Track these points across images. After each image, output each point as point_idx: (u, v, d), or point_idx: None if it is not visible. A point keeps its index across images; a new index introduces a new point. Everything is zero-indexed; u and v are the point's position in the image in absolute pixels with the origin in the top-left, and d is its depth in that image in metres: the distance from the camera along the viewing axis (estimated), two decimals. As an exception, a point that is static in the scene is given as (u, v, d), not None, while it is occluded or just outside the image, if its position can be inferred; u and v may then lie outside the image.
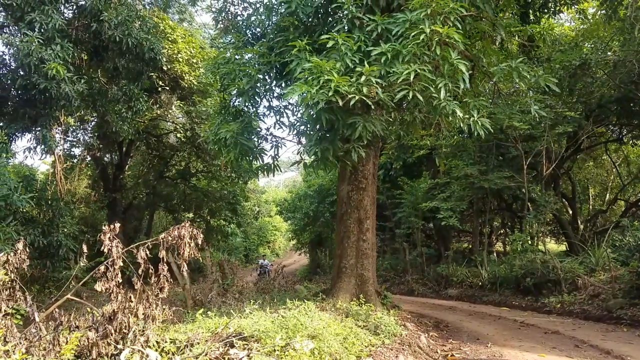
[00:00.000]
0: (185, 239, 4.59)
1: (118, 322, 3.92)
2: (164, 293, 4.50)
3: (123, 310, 4.02)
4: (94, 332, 3.83)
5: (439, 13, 6.91)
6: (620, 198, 27.91)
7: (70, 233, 17.22)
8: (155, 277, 4.56)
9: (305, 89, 6.95)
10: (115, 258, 4.39)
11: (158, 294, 4.44)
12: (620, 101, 19.69)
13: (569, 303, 13.89)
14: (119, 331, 3.89)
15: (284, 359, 4.56)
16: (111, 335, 3.86)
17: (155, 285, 4.50)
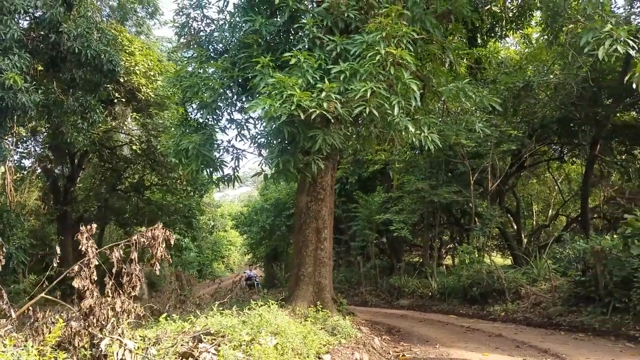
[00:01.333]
0: (159, 240, 4.90)
1: (97, 315, 4.18)
2: (136, 291, 4.78)
3: (100, 305, 4.29)
4: (77, 323, 4.08)
5: (393, 36, 7.51)
6: (561, 214, 29.47)
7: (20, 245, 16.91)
8: (127, 277, 4.83)
9: (269, 103, 7.37)
10: (90, 257, 4.65)
11: (130, 292, 4.71)
12: (561, 121, 21.05)
13: (513, 311, 14.71)
14: (98, 323, 4.15)
15: (250, 352, 4.91)
16: (93, 325, 4.12)
17: (127, 283, 4.76)
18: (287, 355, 5.19)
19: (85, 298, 4.42)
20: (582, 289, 12.82)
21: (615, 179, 26.17)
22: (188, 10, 12.00)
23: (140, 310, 4.79)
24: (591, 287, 12.38)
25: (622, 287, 11.33)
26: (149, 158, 25.18)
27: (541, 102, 20.62)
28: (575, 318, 12.32)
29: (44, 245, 27.00)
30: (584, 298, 12.71)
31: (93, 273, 4.56)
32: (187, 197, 29.50)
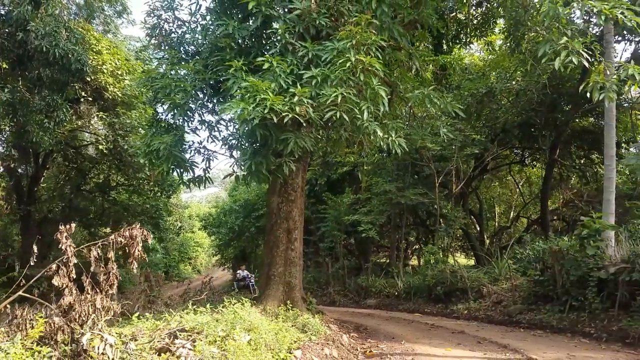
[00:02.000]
0: (137, 239, 5.04)
1: (77, 312, 4.30)
2: (114, 289, 4.91)
3: (80, 302, 4.41)
4: (59, 319, 4.20)
5: (362, 44, 7.80)
6: (522, 215, 30.43)
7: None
8: (104, 275, 4.95)
9: (243, 106, 7.56)
10: (69, 256, 4.76)
11: (108, 290, 4.84)
12: (522, 126, 21.83)
13: (475, 309, 15.22)
14: (79, 319, 4.28)
15: (225, 348, 5.10)
16: (75, 321, 4.24)
17: (105, 282, 4.89)
18: (260, 351, 5.40)
19: (64, 295, 4.53)
20: (540, 288, 13.35)
21: (574, 182, 27.18)
22: (159, 11, 12.07)
23: (118, 307, 4.92)
24: (549, 286, 12.91)
25: (579, 286, 11.85)
26: (116, 158, 24.89)
27: (503, 107, 21.36)
28: (535, 316, 12.83)
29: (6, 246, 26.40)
30: (543, 297, 13.24)
31: (72, 271, 4.68)
32: (154, 198, 29.25)
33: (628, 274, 10.65)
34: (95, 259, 4.89)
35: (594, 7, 7.21)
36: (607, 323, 10.65)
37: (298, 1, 8.44)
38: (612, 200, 14.17)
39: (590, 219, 12.69)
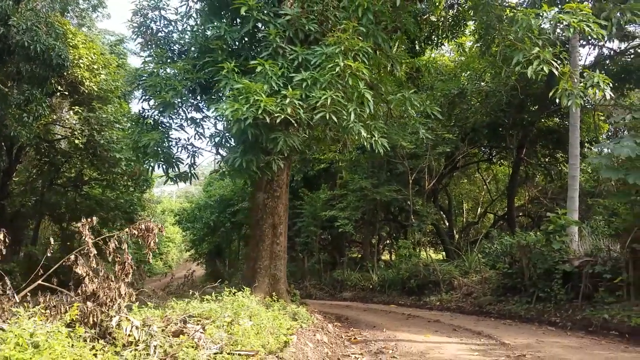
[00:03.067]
0: (153, 232, 5.42)
1: (101, 298, 4.67)
2: (129, 278, 5.29)
3: (104, 288, 4.78)
4: (91, 303, 4.56)
5: (350, 50, 8.30)
6: (489, 212, 31.52)
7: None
8: (119, 265, 5.33)
9: (237, 106, 7.97)
10: (89, 246, 5.12)
11: (124, 278, 5.22)
12: (491, 126, 22.73)
13: (447, 300, 15.96)
14: (106, 305, 4.65)
15: (231, 332, 5.55)
16: (105, 305, 4.61)
17: (121, 271, 5.27)
18: (263, 334, 5.86)
19: (86, 283, 4.90)
20: (509, 280, 14.12)
21: (539, 180, 28.33)
22: (146, 10, 12.31)
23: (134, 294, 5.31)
24: (517, 278, 13.68)
25: (545, 278, 12.63)
26: (90, 152, 24.77)
27: (473, 107, 22.20)
28: (504, 307, 13.58)
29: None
30: (511, 288, 14.02)
31: (92, 261, 5.04)
32: (127, 193, 29.19)
33: (591, 267, 11.45)
34: (113, 250, 5.25)
35: (563, 20, 7.88)
36: (572, 313, 11.42)
37: (288, 7, 8.88)
38: (576, 197, 15.08)
39: (556, 215, 13.50)
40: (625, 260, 10.37)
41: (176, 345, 4.67)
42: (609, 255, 11.33)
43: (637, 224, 10.16)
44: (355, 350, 7.76)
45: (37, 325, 3.79)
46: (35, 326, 3.72)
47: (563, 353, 7.62)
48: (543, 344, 8.49)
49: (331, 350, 7.39)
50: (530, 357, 7.17)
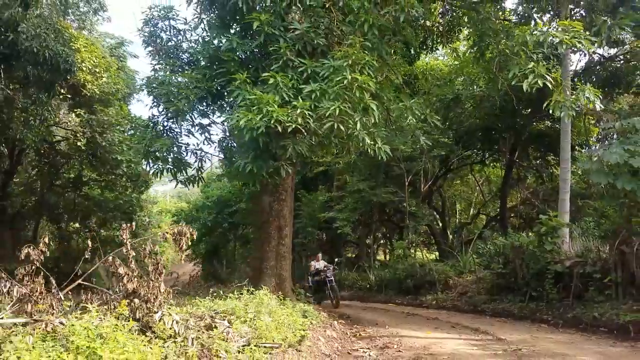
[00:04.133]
0: (185, 235, 5.91)
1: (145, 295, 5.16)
2: (162, 277, 5.77)
3: (143, 287, 5.26)
4: (138, 300, 5.05)
5: (357, 63, 8.83)
6: (482, 213, 32.18)
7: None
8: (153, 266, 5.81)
9: (251, 116, 8.48)
10: (129, 249, 5.61)
11: (158, 277, 5.71)
12: (484, 130, 23.33)
13: (443, 300, 16.54)
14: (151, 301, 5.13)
15: (254, 326, 6.07)
16: (149, 302, 5.09)
17: (154, 271, 5.75)
18: (282, 329, 6.38)
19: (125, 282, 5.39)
20: (503, 280, 14.69)
21: (531, 182, 29.00)
22: (156, 20, 12.78)
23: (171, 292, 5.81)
24: (511, 278, 14.26)
25: (537, 278, 13.19)
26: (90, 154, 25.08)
27: (467, 112, 22.80)
28: (498, 305, 14.16)
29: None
30: (505, 288, 14.58)
31: (132, 262, 5.53)
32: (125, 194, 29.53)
33: (581, 267, 12.01)
34: (148, 253, 5.74)
35: (557, 37, 8.44)
36: (563, 311, 11.98)
37: (297, 22, 9.40)
38: (567, 200, 15.69)
39: (548, 217, 14.10)
40: (614, 261, 10.88)
41: (209, 338, 5.17)
42: (598, 256, 11.85)
43: (625, 227, 10.73)
44: (362, 345, 8.28)
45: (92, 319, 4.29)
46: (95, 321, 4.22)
47: (555, 347, 8.19)
48: (537, 339, 9.07)
49: (340, 345, 7.92)
50: (526, 351, 7.73)
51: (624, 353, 7.80)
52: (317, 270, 16.40)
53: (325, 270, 15.79)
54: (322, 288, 15.70)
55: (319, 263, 16.93)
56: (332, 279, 15.40)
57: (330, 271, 15.69)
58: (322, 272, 15.86)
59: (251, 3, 9.67)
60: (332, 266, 16.33)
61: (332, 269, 15.97)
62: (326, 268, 16.00)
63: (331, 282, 15.38)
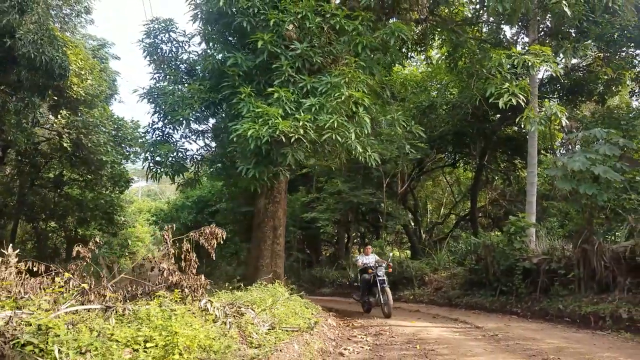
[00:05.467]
0: (218, 235, 6.81)
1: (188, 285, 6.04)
2: (194, 271, 6.65)
3: (184, 280, 6.14)
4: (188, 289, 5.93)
5: (352, 80, 9.84)
6: (452, 212, 33.67)
7: None
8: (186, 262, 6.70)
9: (258, 127, 9.39)
10: (169, 247, 6.47)
11: (193, 271, 6.59)
12: (456, 134, 24.68)
13: (419, 295, 17.72)
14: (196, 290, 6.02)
15: (273, 314, 7.02)
16: (195, 291, 5.97)
17: (188, 266, 6.63)
18: (295, 317, 7.35)
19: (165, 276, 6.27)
20: (475, 276, 15.90)
21: (498, 184, 30.58)
22: (156, 32, 13.53)
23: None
24: (483, 274, 15.47)
25: (507, 274, 14.41)
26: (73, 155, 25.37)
27: (441, 117, 24.11)
28: (471, 299, 15.37)
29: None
30: (477, 283, 15.79)
31: (172, 258, 6.40)
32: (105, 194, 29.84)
33: (547, 264, 13.25)
34: (187, 250, 6.63)
35: (529, 61, 9.63)
36: (531, 304, 13.24)
37: (298, 42, 10.37)
38: (533, 202, 17.05)
39: (517, 218, 15.38)
40: (577, 258, 12.03)
41: (242, 322, 6.11)
42: (563, 254, 13.02)
43: (587, 227, 11.98)
44: (358, 332, 9.31)
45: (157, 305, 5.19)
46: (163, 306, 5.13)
47: (526, 333, 9.37)
48: (510, 327, 10.26)
49: (340, 332, 8.92)
50: (502, 336, 8.88)
51: (585, 338, 8.98)
52: (366, 267, 13.35)
53: (377, 268, 12.76)
54: (372, 290, 12.83)
55: (368, 258, 13.79)
56: (383, 279, 12.42)
57: (383, 269, 12.74)
58: (372, 269, 12.81)
59: (254, 23, 10.57)
60: (385, 262, 13.32)
61: (385, 266, 13.02)
62: (377, 264, 12.96)
63: (383, 283, 12.36)
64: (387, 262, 13.50)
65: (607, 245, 11.41)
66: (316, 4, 10.57)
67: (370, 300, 12.93)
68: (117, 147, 26.18)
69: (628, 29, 17.70)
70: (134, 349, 4.28)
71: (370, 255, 13.85)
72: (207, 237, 6.75)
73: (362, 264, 13.56)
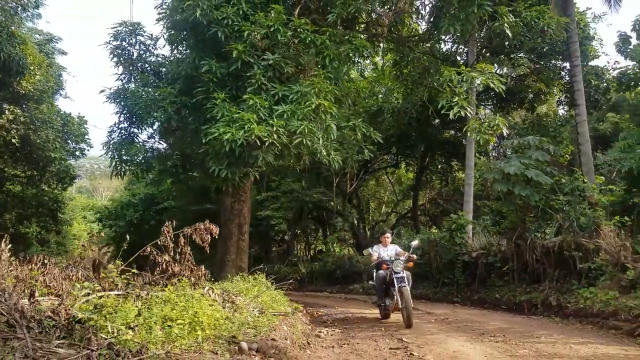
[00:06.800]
0: (212, 231, 7.56)
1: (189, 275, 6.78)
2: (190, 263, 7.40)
3: (185, 270, 6.88)
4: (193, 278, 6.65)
5: (321, 91, 10.80)
6: (394, 211, 35.37)
7: None
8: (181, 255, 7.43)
9: (234, 131, 10.15)
10: (168, 241, 7.17)
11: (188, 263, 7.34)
12: (400, 137, 26.20)
13: (368, 287, 18.80)
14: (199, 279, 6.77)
15: (258, 302, 7.88)
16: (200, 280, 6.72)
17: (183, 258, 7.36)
18: (277, 304, 8.25)
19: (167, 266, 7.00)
20: (419, 269, 17.20)
21: (436, 184, 32.50)
22: (124, 35, 13.94)
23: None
24: (427, 267, 16.85)
25: (449, 267, 15.85)
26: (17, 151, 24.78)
27: (387, 121, 25.52)
28: (416, 291, 16.50)
29: None
30: (422, 276, 17.12)
31: (171, 252, 7.13)
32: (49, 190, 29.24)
33: (485, 257, 14.67)
34: (182, 243, 7.37)
35: (475, 78, 10.95)
36: (470, 294, 14.70)
37: (270, 54, 11.22)
38: (470, 201, 18.68)
39: (458, 216, 16.88)
40: (511, 253, 13.39)
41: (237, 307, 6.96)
42: (499, 249, 14.35)
43: (520, 225, 13.47)
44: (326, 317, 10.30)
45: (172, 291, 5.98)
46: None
47: (471, 317, 10.70)
48: (456, 313, 11.58)
49: (310, 317, 9.89)
50: (452, 320, 10.14)
51: (522, 321, 10.30)
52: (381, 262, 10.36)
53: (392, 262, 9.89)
54: (389, 291, 10.13)
55: (387, 250, 10.81)
56: (402, 277, 9.67)
57: (401, 264, 9.86)
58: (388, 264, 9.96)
59: (228, 33, 11.32)
60: (405, 255, 10.34)
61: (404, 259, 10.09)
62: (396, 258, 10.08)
63: (401, 281, 9.59)
64: (408, 253, 10.40)
65: (538, 241, 12.71)
66: (286, 18, 11.43)
67: (387, 304, 10.25)
68: (64, 143, 25.92)
69: (557, 43, 19.73)
70: (168, 325, 5.07)
71: (389, 247, 10.89)
72: (203, 232, 7.49)
73: (379, 258, 10.46)
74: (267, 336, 6.07)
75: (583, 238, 11.54)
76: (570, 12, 17.03)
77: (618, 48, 18.93)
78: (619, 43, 18.79)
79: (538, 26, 12.65)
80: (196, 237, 7.60)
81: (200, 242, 7.56)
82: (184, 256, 7.39)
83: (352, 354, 6.76)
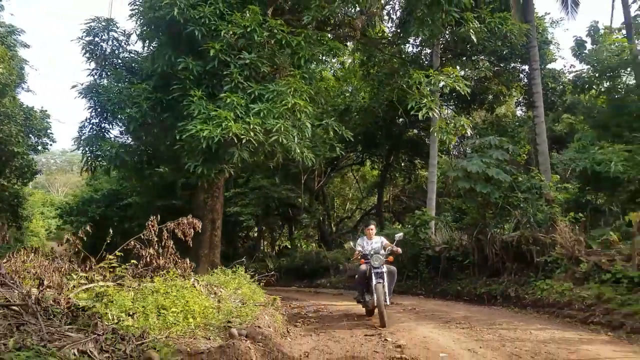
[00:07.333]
0: (195, 225, 7.82)
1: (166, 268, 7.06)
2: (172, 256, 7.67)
3: (169, 262, 7.15)
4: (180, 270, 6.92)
5: (297, 90, 11.16)
6: (359, 207, 36.04)
7: None
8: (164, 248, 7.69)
9: (212, 128, 10.40)
10: (152, 235, 7.41)
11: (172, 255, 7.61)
12: (366, 135, 26.79)
13: (336, 282, 19.44)
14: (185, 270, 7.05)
15: (238, 293, 8.21)
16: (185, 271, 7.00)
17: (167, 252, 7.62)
18: (256, 295, 8.60)
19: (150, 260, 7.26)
20: (385, 263, 17.85)
21: (399, 182, 33.30)
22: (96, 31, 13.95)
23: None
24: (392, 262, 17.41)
25: (413, 261, 16.47)
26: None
27: (354, 120, 26.07)
28: (383, 284, 17.27)
29: None
30: (387, 270, 17.76)
31: (154, 245, 7.38)
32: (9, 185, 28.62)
33: (447, 252, 15.38)
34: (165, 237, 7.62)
35: (442, 80, 11.53)
36: (433, 286, 15.36)
37: (247, 53, 11.49)
38: (433, 198, 19.39)
39: (422, 212, 17.53)
40: (472, 247, 14.09)
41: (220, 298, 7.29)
42: (460, 243, 15.07)
43: (481, 221, 14.18)
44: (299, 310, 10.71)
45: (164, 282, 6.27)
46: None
47: (437, 307, 11.31)
48: (422, 304, 12.19)
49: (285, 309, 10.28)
50: (419, 310, 10.73)
51: (484, 311, 11.00)
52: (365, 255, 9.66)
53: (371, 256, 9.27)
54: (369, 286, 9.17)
55: (371, 242, 10.20)
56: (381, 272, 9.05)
57: (381, 257, 9.19)
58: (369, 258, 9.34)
59: (205, 32, 11.54)
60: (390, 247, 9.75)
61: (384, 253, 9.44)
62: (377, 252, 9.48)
63: (379, 277, 8.97)
64: (392, 246, 9.71)
65: (497, 236, 13.43)
66: (262, 19, 11.74)
67: (366, 300, 9.58)
68: (26, 137, 25.44)
69: (517, 47, 20.64)
70: (163, 313, 5.38)
71: (374, 239, 10.22)
72: (185, 228, 7.76)
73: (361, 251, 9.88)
74: (252, 324, 6.44)
75: (540, 233, 12.30)
76: (530, 18, 17.88)
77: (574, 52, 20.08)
78: (575, 47, 19.95)
79: (501, 32, 13.35)
80: (178, 231, 7.87)
81: (182, 236, 7.83)
82: (167, 250, 7.65)
83: (330, 341, 7.20)
